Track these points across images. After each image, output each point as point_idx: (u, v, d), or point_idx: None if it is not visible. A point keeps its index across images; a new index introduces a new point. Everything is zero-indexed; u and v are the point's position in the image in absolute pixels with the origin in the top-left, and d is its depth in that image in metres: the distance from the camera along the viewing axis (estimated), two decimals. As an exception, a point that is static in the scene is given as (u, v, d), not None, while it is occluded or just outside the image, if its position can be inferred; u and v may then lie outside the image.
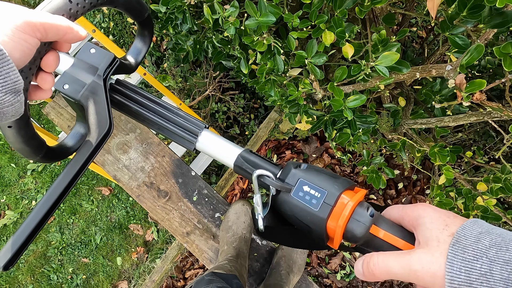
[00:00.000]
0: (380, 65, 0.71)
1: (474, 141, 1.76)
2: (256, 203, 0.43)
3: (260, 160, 0.45)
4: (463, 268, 0.30)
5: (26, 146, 0.40)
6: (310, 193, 0.40)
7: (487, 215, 0.90)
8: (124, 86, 0.48)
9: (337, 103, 0.82)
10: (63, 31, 0.36)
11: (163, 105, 0.48)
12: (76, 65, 0.43)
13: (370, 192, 1.97)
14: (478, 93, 0.59)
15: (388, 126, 1.26)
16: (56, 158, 0.45)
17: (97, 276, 2.16)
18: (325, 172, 0.42)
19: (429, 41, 1.80)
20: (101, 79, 0.42)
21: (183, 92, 2.00)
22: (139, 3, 0.46)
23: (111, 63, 0.43)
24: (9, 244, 0.35)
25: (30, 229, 0.36)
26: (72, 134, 0.46)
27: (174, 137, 0.48)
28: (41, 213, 0.37)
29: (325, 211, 0.39)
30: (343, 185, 0.40)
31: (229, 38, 1.10)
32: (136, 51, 0.52)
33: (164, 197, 1.40)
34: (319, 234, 0.40)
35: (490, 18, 0.53)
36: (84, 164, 0.40)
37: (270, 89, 1.04)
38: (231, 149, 0.47)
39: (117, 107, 0.48)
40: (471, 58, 0.57)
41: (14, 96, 0.32)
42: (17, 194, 2.34)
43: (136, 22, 0.50)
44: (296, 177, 0.41)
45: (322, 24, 0.77)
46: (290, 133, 1.98)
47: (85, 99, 0.42)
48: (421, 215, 0.36)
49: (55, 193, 0.38)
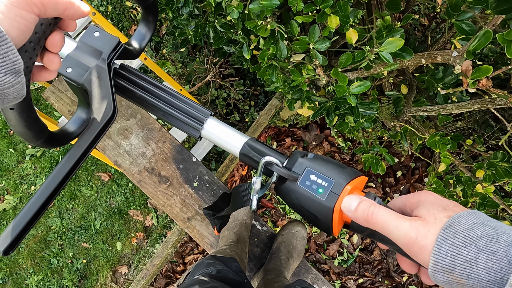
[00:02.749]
0: (384, 51, 0.71)
1: (473, 130, 1.77)
2: (255, 184, 0.44)
3: (266, 149, 0.45)
4: (450, 253, 0.31)
5: (28, 130, 0.39)
6: (317, 182, 0.40)
7: (486, 202, 0.92)
8: (128, 71, 0.47)
9: (341, 89, 0.81)
10: (63, 5, 0.34)
11: (168, 91, 0.48)
12: (79, 48, 0.42)
13: (369, 180, 1.98)
14: (484, 80, 0.59)
15: (388, 114, 1.26)
16: (57, 143, 0.45)
17: (97, 261, 2.18)
18: (332, 162, 0.42)
19: (431, 29, 1.78)
20: (105, 63, 0.41)
21: (183, 78, 1.98)
22: None
23: (116, 47, 0.42)
24: (9, 229, 0.35)
25: (31, 214, 0.35)
26: (74, 119, 0.45)
27: (179, 123, 0.48)
28: (42, 198, 0.36)
29: (332, 200, 0.39)
30: (351, 175, 0.40)
31: (231, 22, 1.08)
32: (140, 37, 0.51)
33: (165, 183, 1.41)
34: (325, 222, 0.40)
35: (498, 3, 0.53)
36: (87, 149, 0.39)
37: (272, 74, 1.03)
38: (237, 137, 0.46)
39: (121, 92, 0.48)
40: (478, 44, 0.57)
41: (14, 77, 0.31)
42: (16, 179, 2.34)
43: (140, 6, 0.48)
44: (303, 166, 0.41)
45: (327, 9, 0.76)
46: (290, 120, 1.98)
47: (88, 83, 0.41)
48: (422, 199, 0.37)
49: (57, 178, 0.37)
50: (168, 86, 0.49)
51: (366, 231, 0.39)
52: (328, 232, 0.41)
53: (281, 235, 1.36)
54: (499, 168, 0.81)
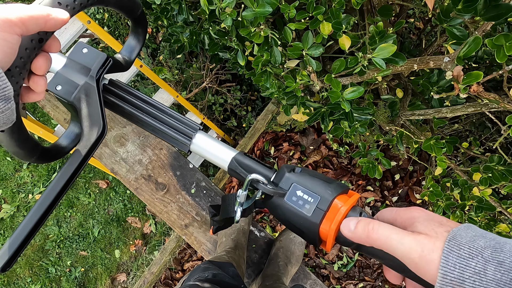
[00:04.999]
0: (377, 57, 0.71)
1: (470, 132, 1.77)
2: (241, 197, 0.44)
3: (254, 164, 0.45)
4: (458, 265, 0.30)
5: (20, 149, 0.40)
6: (303, 198, 0.40)
7: (483, 205, 0.92)
8: (117, 87, 0.47)
9: (334, 95, 0.82)
10: (42, 19, 0.34)
11: (157, 106, 0.48)
12: (68, 65, 0.42)
13: (367, 184, 1.98)
14: (475, 85, 0.59)
15: (385, 117, 1.27)
16: (51, 159, 0.45)
17: (95, 269, 2.17)
18: (319, 176, 0.42)
19: (426, 32, 1.79)
20: (94, 80, 0.41)
21: (180, 84, 1.98)
22: (131, 1, 0.45)
23: (104, 63, 0.43)
24: (6, 246, 0.35)
25: (26, 231, 0.36)
26: (67, 134, 0.46)
27: (168, 138, 0.48)
28: (37, 215, 0.37)
29: (317, 216, 0.39)
30: (336, 190, 0.40)
31: (226, 29, 1.09)
32: (129, 49, 0.51)
33: (162, 190, 1.40)
34: (312, 238, 0.40)
35: (486, 10, 0.53)
36: (78, 166, 0.39)
37: (266, 80, 1.03)
38: (225, 152, 0.47)
39: (111, 108, 0.48)
40: (468, 50, 0.57)
41: (4, 104, 0.31)
42: (14, 187, 2.33)
43: (129, 19, 0.49)
44: (289, 181, 0.42)
45: (319, 16, 0.76)
46: (287, 125, 1.98)
47: (78, 101, 0.41)
48: (415, 216, 0.36)
49: (51, 195, 0.38)
50: (157, 101, 0.49)
51: (353, 244, 0.38)
52: (315, 245, 0.41)
53: (279, 240, 1.36)
54: (495, 172, 0.81)
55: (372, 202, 1.96)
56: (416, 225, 0.35)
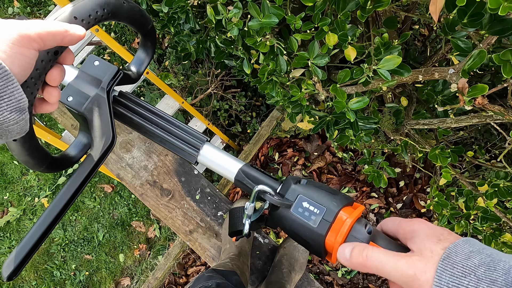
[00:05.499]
0: (382, 69, 0.72)
1: (475, 139, 1.76)
2: (248, 210, 0.45)
3: (260, 175, 0.46)
4: (451, 283, 0.30)
5: (30, 158, 0.41)
6: (309, 209, 0.41)
7: (488, 215, 0.91)
8: (127, 99, 0.48)
9: (340, 104, 0.82)
10: (60, 35, 0.35)
11: (165, 117, 0.49)
12: (80, 77, 0.43)
13: (371, 190, 1.98)
14: (480, 98, 0.60)
15: (390, 124, 1.27)
16: (59, 168, 0.46)
17: (99, 273, 2.18)
18: (325, 188, 0.43)
19: (431, 39, 1.79)
20: (105, 92, 0.43)
21: (185, 90, 2.00)
22: (142, 16, 0.46)
23: (115, 76, 0.44)
24: (12, 255, 0.36)
25: (33, 241, 0.37)
26: (75, 144, 0.47)
27: (175, 150, 0.49)
28: (44, 225, 0.37)
29: (323, 227, 0.39)
30: (342, 202, 0.41)
31: (232, 38, 1.10)
32: (139, 62, 0.52)
33: (167, 196, 1.41)
34: (317, 249, 0.40)
35: (491, 25, 0.54)
36: (86, 177, 0.40)
37: (272, 89, 1.04)
38: (232, 163, 0.47)
39: (120, 119, 0.49)
40: (473, 64, 0.58)
41: (19, 114, 0.32)
42: (20, 191, 2.36)
43: (139, 33, 0.50)
44: (295, 192, 0.42)
45: (325, 27, 0.77)
46: (292, 131, 1.99)
47: (88, 112, 0.42)
48: (416, 229, 0.37)
49: (58, 205, 0.39)
50: (165, 113, 0.50)
51: None
52: (320, 257, 0.41)
53: (283, 247, 1.36)
54: (502, 188, 0.81)
55: (377, 209, 1.95)
56: (415, 240, 0.36)
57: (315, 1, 0.75)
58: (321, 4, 0.75)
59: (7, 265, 0.36)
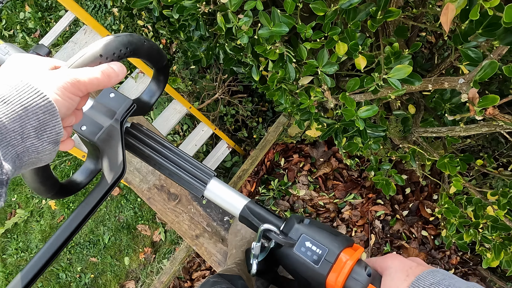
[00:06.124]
0: (392, 78, 0.72)
1: (483, 147, 1.75)
2: (255, 249, 0.46)
3: (265, 212, 0.47)
4: None
5: (41, 185, 0.42)
6: (311, 249, 0.42)
7: (497, 225, 0.91)
8: (138, 131, 0.50)
9: (349, 112, 0.83)
10: (103, 85, 0.38)
11: (175, 151, 0.50)
12: (95, 107, 0.45)
13: (377, 197, 1.97)
14: (491, 108, 0.60)
15: (397, 131, 1.27)
16: (67, 194, 0.47)
17: (105, 276, 2.19)
18: (326, 229, 0.44)
19: (438, 46, 1.79)
20: (118, 123, 0.44)
21: (193, 95, 2.02)
22: (159, 53, 0.48)
23: (129, 108, 0.45)
24: (18, 279, 0.36)
25: (38, 267, 0.37)
26: (82, 170, 0.48)
27: (183, 183, 0.50)
28: (50, 252, 0.38)
29: (325, 268, 0.41)
30: (343, 243, 0.42)
31: (241, 45, 1.11)
32: (150, 93, 0.53)
33: (174, 200, 1.42)
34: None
35: (505, 35, 0.54)
36: (96, 204, 0.41)
37: (281, 97, 1.05)
38: (237, 199, 0.49)
39: (131, 150, 0.50)
40: (484, 74, 0.58)
41: (54, 146, 0.35)
42: (28, 193, 2.38)
43: (154, 68, 0.51)
44: (299, 232, 0.43)
45: (335, 36, 0.78)
46: (298, 137, 1.99)
47: (101, 142, 0.43)
48: (388, 265, 0.40)
49: (66, 232, 0.39)
50: (174, 147, 0.51)
51: None
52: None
53: (289, 254, 1.36)
54: (511, 197, 0.81)
55: (382, 215, 1.95)
56: (386, 278, 0.39)
57: (326, 11, 0.75)
58: (331, 13, 0.76)
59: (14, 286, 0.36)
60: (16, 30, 2.57)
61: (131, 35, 0.42)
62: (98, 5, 2.42)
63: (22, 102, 0.31)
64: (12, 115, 0.31)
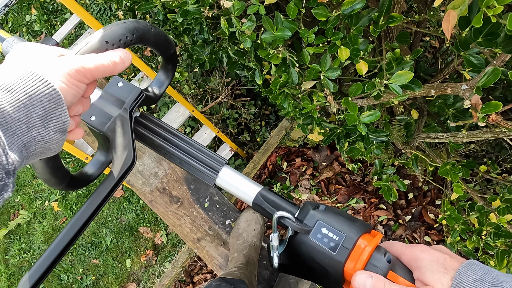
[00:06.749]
0: (394, 84, 0.72)
1: (487, 152, 1.74)
2: (273, 241, 0.44)
3: (279, 200, 0.46)
4: None
5: (52, 177, 0.42)
6: (328, 235, 0.40)
7: (500, 232, 0.90)
8: (148, 120, 0.49)
9: (351, 117, 0.83)
10: (109, 71, 0.38)
11: (185, 139, 0.50)
12: (103, 97, 0.44)
13: (379, 202, 1.97)
14: (494, 115, 0.60)
15: (400, 136, 1.27)
16: (78, 186, 0.47)
17: (106, 278, 2.19)
18: (343, 215, 0.42)
19: (442, 52, 1.79)
20: (127, 113, 0.43)
21: (196, 98, 2.02)
22: (167, 41, 0.47)
23: (137, 97, 0.44)
24: (25, 278, 0.36)
25: (49, 262, 0.36)
26: (93, 162, 0.47)
27: (195, 171, 0.49)
28: (61, 245, 0.37)
29: (343, 254, 0.39)
30: (361, 229, 0.40)
31: (244, 49, 1.12)
32: (159, 83, 0.53)
33: (176, 203, 1.42)
34: (335, 277, 0.40)
35: (507, 43, 0.54)
36: (106, 196, 0.40)
37: (284, 101, 1.05)
38: (250, 187, 0.48)
39: (141, 140, 0.49)
40: (487, 81, 0.58)
41: (61, 135, 0.34)
42: (31, 194, 2.39)
43: (161, 56, 0.51)
44: (314, 218, 0.42)
45: (338, 41, 0.78)
46: (300, 141, 1.99)
47: (110, 132, 0.42)
48: (419, 257, 0.38)
49: (77, 224, 0.38)
50: (185, 135, 0.50)
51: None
52: (337, 285, 0.41)
53: (290, 258, 1.36)
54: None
55: (385, 220, 1.94)
56: (424, 271, 0.37)
57: (328, 16, 0.76)
58: (334, 19, 0.76)
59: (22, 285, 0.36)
60: (22, 32, 2.60)
61: (137, 22, 0.42)
62: (103, 8, 2.44)
63: (27, 91, 0.31)
64: (16, 104, 0.30)
